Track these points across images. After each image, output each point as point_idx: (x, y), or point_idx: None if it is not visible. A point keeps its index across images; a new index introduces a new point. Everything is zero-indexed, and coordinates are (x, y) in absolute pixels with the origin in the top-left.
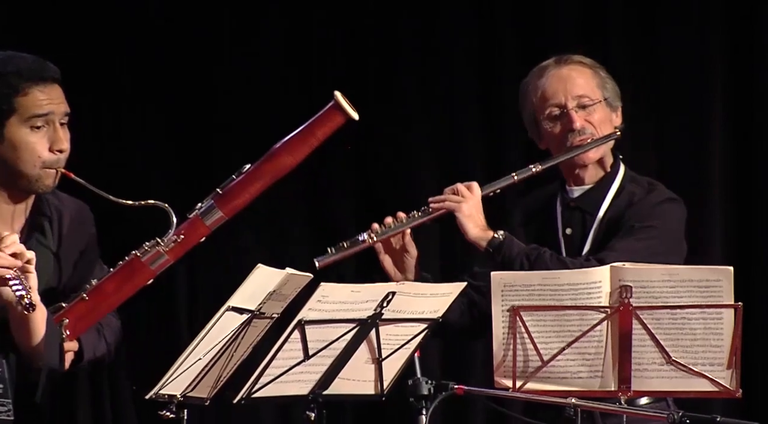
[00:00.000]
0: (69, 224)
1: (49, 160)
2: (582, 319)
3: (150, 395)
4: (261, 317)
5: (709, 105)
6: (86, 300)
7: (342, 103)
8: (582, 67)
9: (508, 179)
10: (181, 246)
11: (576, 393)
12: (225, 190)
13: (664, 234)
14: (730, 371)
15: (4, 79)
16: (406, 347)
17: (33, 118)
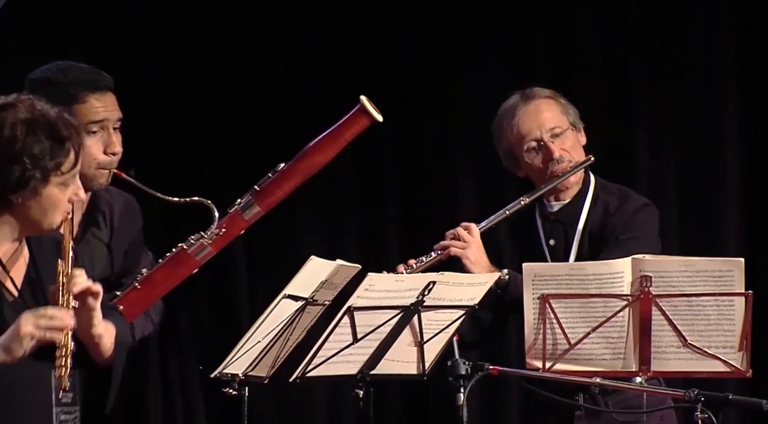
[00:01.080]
0: (119, 217)
1: (104, 162)
2: (606, 306)
3: (215, 374)
4: (314, 303)
5: (723, 108)
6: (138, 289)
7: (367, 106)
8: (547, 100)
9: (502, 215)
10: (223, 238)
11: (600, 373)
12: (262, 187)
13: (646, 242)
14: (741, 353)
15: (63, 88)
16: (446, 332)
17: (89, 124)
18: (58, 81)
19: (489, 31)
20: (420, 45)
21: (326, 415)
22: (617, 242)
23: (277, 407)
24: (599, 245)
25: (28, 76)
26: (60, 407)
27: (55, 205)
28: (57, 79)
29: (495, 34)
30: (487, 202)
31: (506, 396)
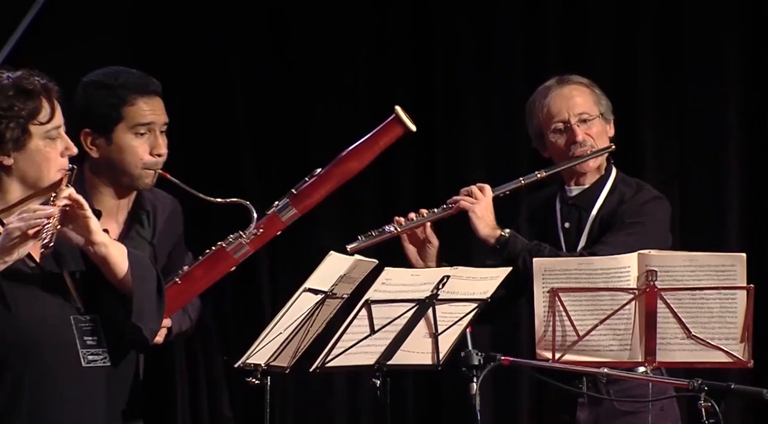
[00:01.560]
0: (164, 219)
1: (149, 162)
2: (613, 299)
3: (238, 364)
4: (333, 297)
5: (726, 107)
6: (179, 284)
7: (402, 116)
8: (581, 87)
9: (516, 183)
10: (261, 238)
11: (608, 364)
12: (299, 190)
13: (651, 229)
14: (743, 344)
15: (114, 92)
16: (459, 324)
17: (137, 126)
18: (109, 84)
19: (504, 37)
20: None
21: (345, 403)
22: (622, 225)
23: (297, 396)
24: (607, 228)
25: (82, 79)
26: (86, 349)
27: (46, 158)
28: (108, 82)
29: (509, 40)
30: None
31: (517, 386)
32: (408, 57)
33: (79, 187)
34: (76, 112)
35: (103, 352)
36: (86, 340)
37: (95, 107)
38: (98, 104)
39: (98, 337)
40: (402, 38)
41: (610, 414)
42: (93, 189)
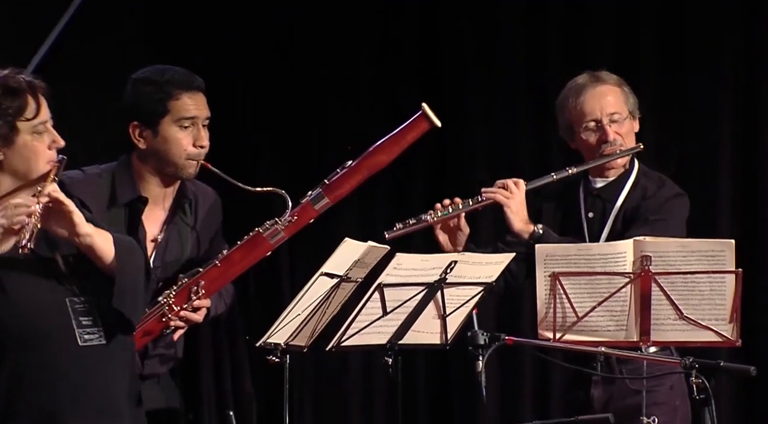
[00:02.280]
0: (205, 207)
1: (192, 154)
2: (610, 282)
3: (259, 343)
4: (348, 281)
5: (719, 104)
6: (218, 266)
7: (428, 112)
8: (612, 87)
9: (548, 178)
10: (295, 225)
11: (605, 343)
12: (331, 181)
13: (672, 226)
14: (732, 324)
15: (160, 87)
16: (466, 306)
17: (182, 120)
18: (156, 80)
19: (507, 37)
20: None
21: (359, 380)
22: (646, 222)
23: (315, 373)
24: (631, 222)
25: (131, 76)
26: (82, 329)
27: (35, 152)
28: (155, 78)
29: (513, 41)
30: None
31: (520, 364)
32: (413, 56)
33: (127, 176)
34: (125, 106)
35: (98, 331)
36: (82, 320)
37: (143, 102)
38: (146, 99)
39: (93, 317)
40: (408, 38)
41: (623, 393)
42: (140, 178)
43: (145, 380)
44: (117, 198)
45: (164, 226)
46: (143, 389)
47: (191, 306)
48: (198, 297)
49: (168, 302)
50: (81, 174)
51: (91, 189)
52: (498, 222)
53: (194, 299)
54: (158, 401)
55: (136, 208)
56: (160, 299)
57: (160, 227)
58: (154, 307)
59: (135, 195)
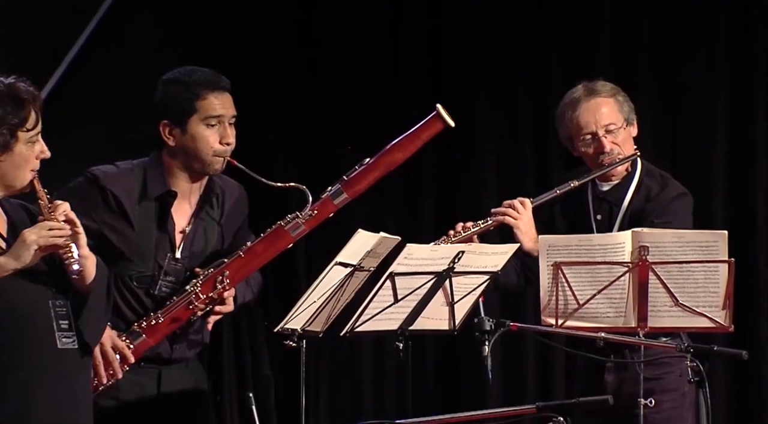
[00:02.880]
0: (231, 201)
1: (219, 150)
2: (609, 271)
3: (277, 329)
4: (361, 270)
5: (714, 100)
6: (242, 257)
7: (442, 113)
8: (606, 98)
9: (552, 193)
10: (315, 219)
11: (604, 329)
12: (350, 177)
13: (677, 226)
14: (725, 311)
15: (188, 87)
16: (473, 294)
17: (209, 118)
18: (184, 81)
19: (513, 40)
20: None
21: (371, 364)
22: (652, 225)
23: (330, 357)
24: (637, 224)
25: (162, 77)
26: (60, 332)
27: (26, 161)
28: (183, 79)
29: (518, 43)
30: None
31: (524, 348)
32: (424, 64)
33: (157, 171)
34: (156, 105)
35: (72, 335)
36: (61, 323)
37: (172, 101)
38: (175, 99)
39: (69, 321)
40: (418, 50)
41: (635, 379)
42: (170, 173)
43: (173, 364)
44: (148, 192)
45: (192, 219)
46: (173, 372)
47: (217, 295)
48: (223, 286)
49: (195, 291)
50: (114, 168)
51: (123, 183)
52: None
53: (219, 288)
54: (187, 383)
55: (165, 201)
56: (187, 288)
57: (188, 220)
58: (182, 295)
59: (165, 189)
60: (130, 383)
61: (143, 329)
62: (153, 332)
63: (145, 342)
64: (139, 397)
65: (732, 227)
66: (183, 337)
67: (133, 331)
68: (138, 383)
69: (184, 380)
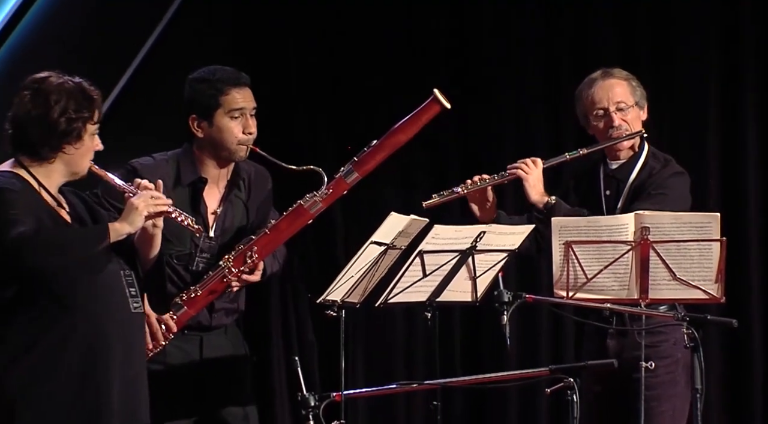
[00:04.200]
0: (256, 183)
1: (243, 139)
2: (614, 249)
3: (319, 300)
4: (393, 248)
5: (708, 97)
6: (268, 234)
7: (439, 97)
8: (620, 80)
9: (562, 158)
10: (330, 197)
11: (610, 300)
12: (359, 157)
13: (671, 199)
14: (717, 284)
15: (212, 84)
16: (493, 269)
17: (232, 111)
18: (208, 79)
19: (525, 40)
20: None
21: (402, 331)
22: (649, 196)
23: (366, 325)
24: (638, 196)
25: (188, 77)
26: (132, 298)
27: (89, 150)
28: (208, 77)
29: (532, 44)
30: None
31: (538, 318)
32: (448, 56)
33: (189, 161)
34: (184, 102)
35: (139, 301)
36: (131, 290)
37: (199, 98)
38: (201, 95)
39: (135, 289)
40: (441, 40)
41: (633, 345)
42: (200, 162)
43: (213, 330)
44: (181, 179)
45: (222, 201)
46: (213, 338)
47: (247, 268)
48: (252, 260)
49: (228, 265)
50: (151, 160)
51: (159, 172)
52: (520, 194)
53: (249, 262)
54: (226, 348)
55: (197, 187)
56: (221, 263)
57: (218, 203)
58: (217, 270)
59: (196, 176)
60: (176, 349)
61: (184, 302)
62: (193, 304)
63: (186, 313)
64: (184, 361)
65: (724, 210)
66: (220, 306)
67: (175, 303)
68: (182, 348)
69: (223, 345)
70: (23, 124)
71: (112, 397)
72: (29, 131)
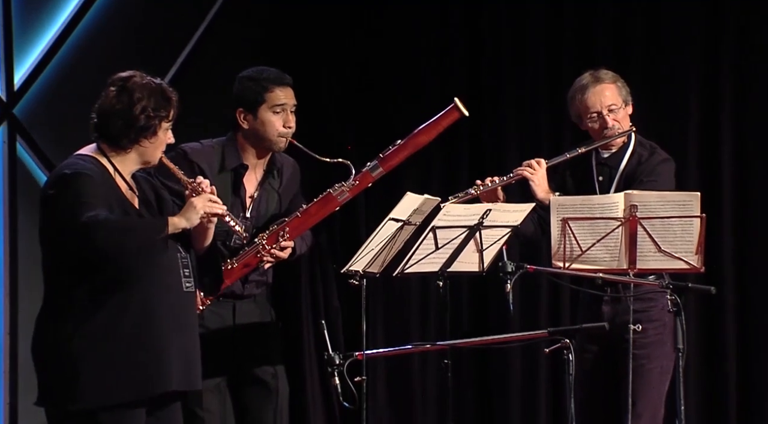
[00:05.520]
0: (288, 174)
1: (283, 132)
2: (606, 225)
3: (343, 270)
4: (409, 224)
5: (688, 90)
6: (299, 217)
7: (458, 105)
8: (609, 84)
9: (562, 157)
10: (357, 188)
11: (602, 270)
12: (385, 155)
13: (661, 184)
14: (697, 256)
15: (259, 82)
16: (498, 243)
17: (275, 107)
18: (256, 78)
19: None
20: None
21: (417, 298)
22: (641, 183)
23: (384, 293)
24: (631, 183)
25: (238, 75)
26: (185, 278)
27: (162, 144)
28: (256, 76)
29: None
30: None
31: (538, 286)
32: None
33: (233, 148)
34: (233, 96)
35: (191, 281)
36: (184, 271)
37: (246, 93)
38: (248, 92)
39: (189, 270)
40: (456, 55)
41: (625, 310)
42: (243, 150)
43: (245, 299)
44: (225, 164)
45: (258, 187)
46: (244, 306)
47: (279, 247)
48: (284, 239)
49: (261, 243)
50: (199, 145)
51: (206, 157)
52: (524, 191)
53: (281, 241)
54: (254, 315)
55: (239, 172)
56: (255, 241)
57: (255, 188)
58: (251, 246)
59: (239, 162)
60: (213, 314)
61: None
62: (229, 275)
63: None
64: (219, 325)
65: (703, 189)
66: (252, 278)
67: None
68: (218, 313)
69: (253, 312)
70: (107, 116)
71: (169, 363)
72: (111, 123)
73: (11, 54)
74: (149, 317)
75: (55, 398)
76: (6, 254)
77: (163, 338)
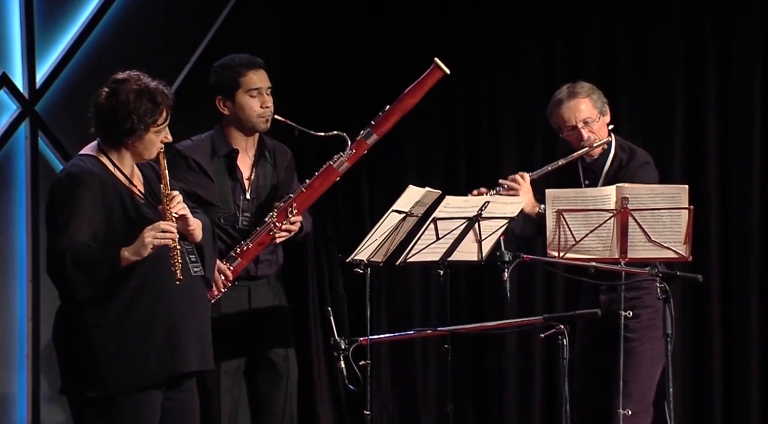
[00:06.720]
0: (279, 156)
1: (261, 113)
2: (599, 216)
3: (349, 259)
4: (411, 215)
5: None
6: (304, 191)
7: (439, 64)
8: (583, 98)
9: (545, 170)
10: (354, 156)
11: (595, 259)
12: (376, 121)
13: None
14: (685, 245)
15: (233, 69)
16: (496, 234)
17: (250, 91)
18: (229, 65)
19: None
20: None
21: (419, 285)
22: None
23: (387, 281)
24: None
25: (213, 65)
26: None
27: (153, 144)
28: (228, 64)
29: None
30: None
31: (534, 274)
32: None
33: (221, 136)
34: (211, 86)
35: (199, 265)
36: (190, 257)
37: (222, 81)
38: (224, 79)
39: (195, 256)
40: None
41: (620, 298)
42: (230, 136)
43: (259, 280)
44: (217, 152)
45: (253, 168)
46: (259, 288)
47: (289, 221)
48: (293, 214)
49: (272, 221)
50: (190, 141)
51: (198, 150)
52: None
53: (290, 217)
54: (268, 297)
55: (231, 157)
56: (266, 219)
57: (250, 169)
58: (263, 225)
59: (229, 148)
60: (229, 300)
61: (238, 255)
62: (245, 255)
63: (240, 264)
64: (235, 310)
65: (691, 182)
66: (264, 258)
67: (230, 256)
68: (234, 298)
69: (267, 294)
70: (97, 115)
71: (186, 345)
72: (99, 122)
73: (33, 52)
74: (162, 302)
75: (75, 387)
76: (29, 246)
77: (177, 321)
